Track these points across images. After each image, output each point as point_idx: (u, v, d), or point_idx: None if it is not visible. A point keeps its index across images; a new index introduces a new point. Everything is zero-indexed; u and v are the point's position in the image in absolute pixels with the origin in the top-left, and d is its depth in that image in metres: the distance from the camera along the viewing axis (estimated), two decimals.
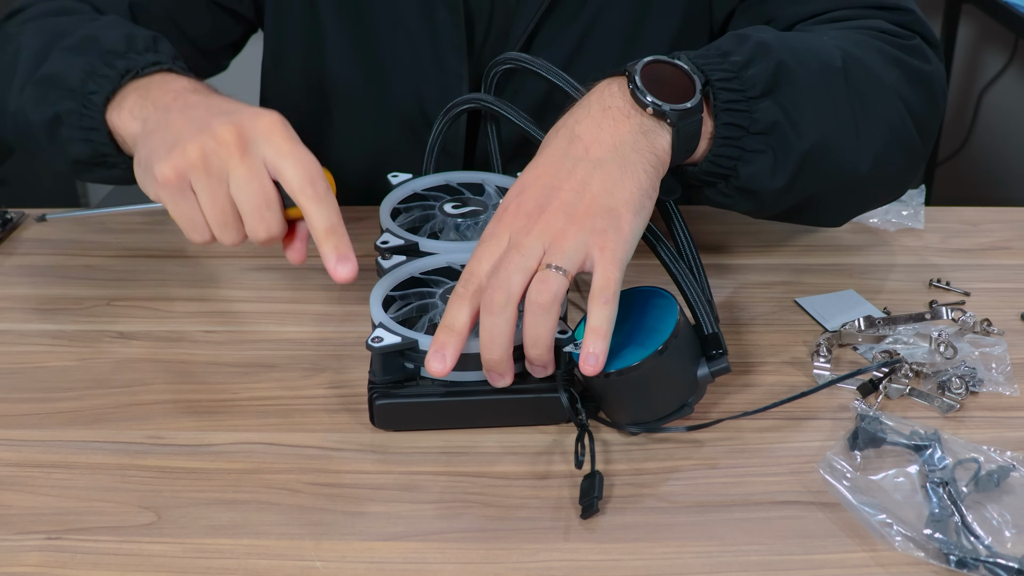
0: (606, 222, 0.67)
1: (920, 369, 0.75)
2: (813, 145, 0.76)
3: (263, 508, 0.65)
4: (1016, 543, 0.61)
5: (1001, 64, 2.64)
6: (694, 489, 0.67)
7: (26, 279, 0.91)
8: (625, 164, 0.69)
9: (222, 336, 0.82)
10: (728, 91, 0.73)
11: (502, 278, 0.66)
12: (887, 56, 0.83)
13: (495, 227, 0.69)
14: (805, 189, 0.79)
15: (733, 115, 0.73)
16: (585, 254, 0.66)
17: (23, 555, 0.62)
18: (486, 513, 0.65)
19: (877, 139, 0.79)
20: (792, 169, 0.76)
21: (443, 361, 0.67)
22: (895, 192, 0.88)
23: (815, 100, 0.76)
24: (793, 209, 0.82)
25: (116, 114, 0.78)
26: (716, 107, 0.73)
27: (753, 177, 0.75)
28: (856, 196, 0.84)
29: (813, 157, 0.76)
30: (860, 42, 0.83)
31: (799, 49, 0.78)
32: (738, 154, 0.74)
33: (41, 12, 0.92)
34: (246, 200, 0.70)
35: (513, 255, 0.67)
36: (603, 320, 0.66)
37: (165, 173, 0.69)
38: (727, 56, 0.75)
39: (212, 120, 0.70)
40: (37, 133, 0.83)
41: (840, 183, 0.80)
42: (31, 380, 0.77)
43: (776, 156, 0.75)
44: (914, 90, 0.83)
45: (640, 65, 0.72)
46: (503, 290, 0.66)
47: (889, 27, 0.86)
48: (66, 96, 0.80)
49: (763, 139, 0.74)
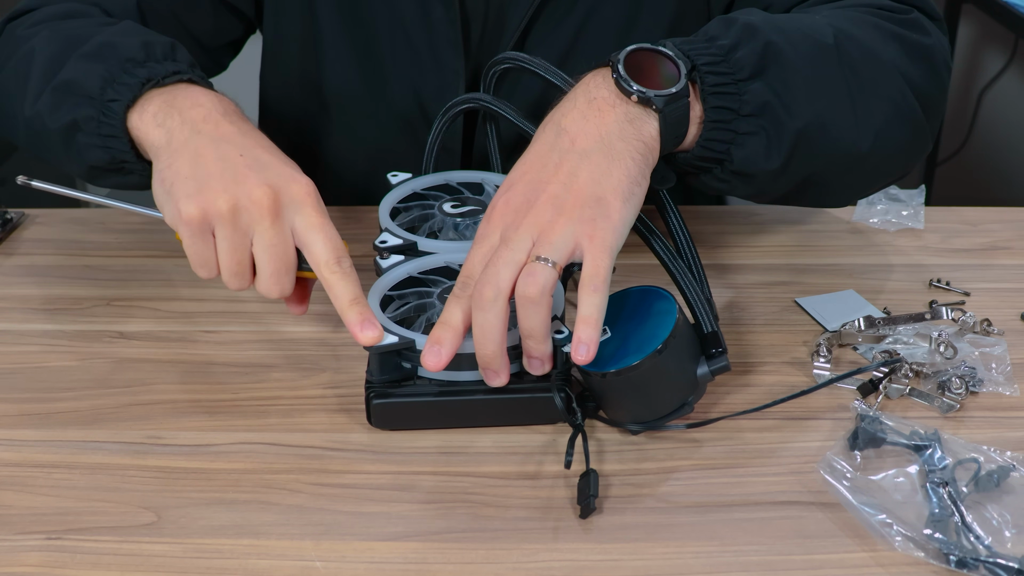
0: (595, 211, 0.67)
1: (920, 369, 0.75)
2: (807, 124, 0.75)
3: (263, 508, 0.65)
4: (1016, 543, 0.61)
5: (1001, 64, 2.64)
6: (694, 489, 0.67)
7: (26, 279, 0.91)
8: (612, 153, 0.69)
9: (222, 336, 0.82)
10: (715, 74, 0.73)
11: (491, 274, 0.67)
12: (884, 31, 0.82)
13: (486, 227, 0.70)
14: (803, 170, 0.78)
15: (722, 98, 0.73)
16: (574, 244, 0.67)
17: (23, 555, 0.62)
18: (485, 513, 0.65)
19: (877, 116, 0.78)
20: (787, 150, 0.75)
21: (438, 356, 0.67)
22: (901, 170, 0.86)
23: (806, 79, 0.76)
24: (794, 191, 0.81)
25: (139, 118, 0.78)
26: (704, 91, 0.73)
27: (747, 160, 0.75)
28: (859, 175, 0.83)
29: (808, 136, 0.76)
30: (855, 19, 0.82)
31: (788, 29, 0.77)
32: (730, 137, 0.74)
33: (50, 15, 0.91)
34: (267, 262, 0.72)
35: (502, 250, 0.67)
36: (593, 308, 0.66)
37: (191, 212, 0.71)
38: (714, 40, 0.75)
39: (248, 174, 0.72)
40: (53, 139, 0.83)
41: (840, 162, 0.79)
42: (31, 380, 0.77)
43: (769, 137, 0.75)
44: (915, 64, 0.82)
45: (623, 54, 0.72)
46: (492, 285, 0.66)
47: (886, 3, 0.86)
48: (84, 103, 0.80)
49: (755, 121, 0.74)
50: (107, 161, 0.81)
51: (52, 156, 0.86)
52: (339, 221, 0.97)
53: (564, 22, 0.96)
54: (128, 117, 0.78)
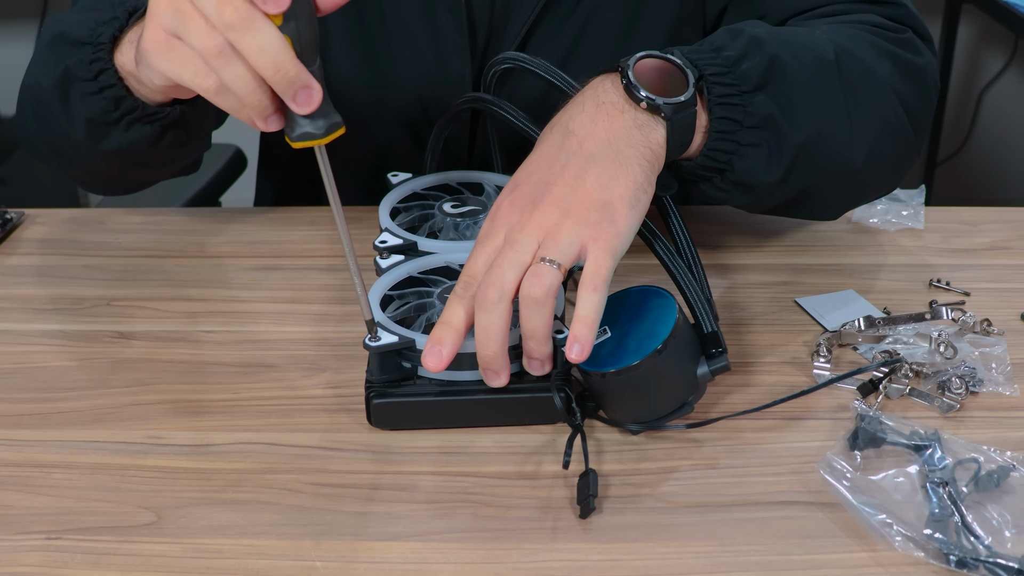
0: (601, 215, 0.67)
1: (920, 369, 0.75)
2: (807, 138, 0.76)
3: (263, 508, 0.65)
4: (1016, 543, 0.61)
5: (1001, 64, 2.64)
6: (694, 489, 0.67)
7: (26, 279, 0.91)
8: (620, 158, 0.69)
9: (222, 336, 0.82)
10: (722, 85, 0.74)
11: (495, 274, 0.66)
12: (880, 49, 0.83)
13: (490, 226, 0.70)
14: (800, 182, 0.79)
15: (727, 109, 0.74)
16: (580, 247, 0.67)
17: (23, 555, 0.62)
18: (485, 513, 0.65)
19: (871, 131, 0.80)
20: (787, 162, 0.76)
21: (439, 356, 0.67)
22: (889, 185, 0.88)
23: (809, 93, 0.77)
24: (788, 203, 0.82)
25: (119, 54, 0.78)
26: (710, 101, 0.73)
27: (748, 171, 0.76)
28: (851, 189, 0.85)
29: (808, 150, 0.77)
30: (853, 36, 0.83)
31: (792, 43, 0.78)
32: (733, 148, 0.75)
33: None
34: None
35: (507, 251, 0.67)
36: (590, 308, 0.66)
37: (150, 33, 0.65)
38: (720, 51, 0.75)
39: None
40: (51, 100, 0.82)
41: (835, 176, 0.81)
42: (31, 380, 0.77)
43: (771, 150, 0.76)
44: (907, 83, 0.83)
45: (633, 60, 0.72)
46: (496, 286, 0.66)
47: (881, 21, 0.87)
48: (75, 49, 0.80)
49: (757, 133, 0.75)
50: (102, 109, 0.80)
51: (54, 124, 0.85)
52: None
53: (566, 25, 0.96)
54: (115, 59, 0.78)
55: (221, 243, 0.96)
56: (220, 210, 1.04)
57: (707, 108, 0.74)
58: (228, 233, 0.97)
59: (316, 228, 0.97)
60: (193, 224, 0.99)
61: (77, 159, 0.88)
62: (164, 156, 0.88)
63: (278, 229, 0.97)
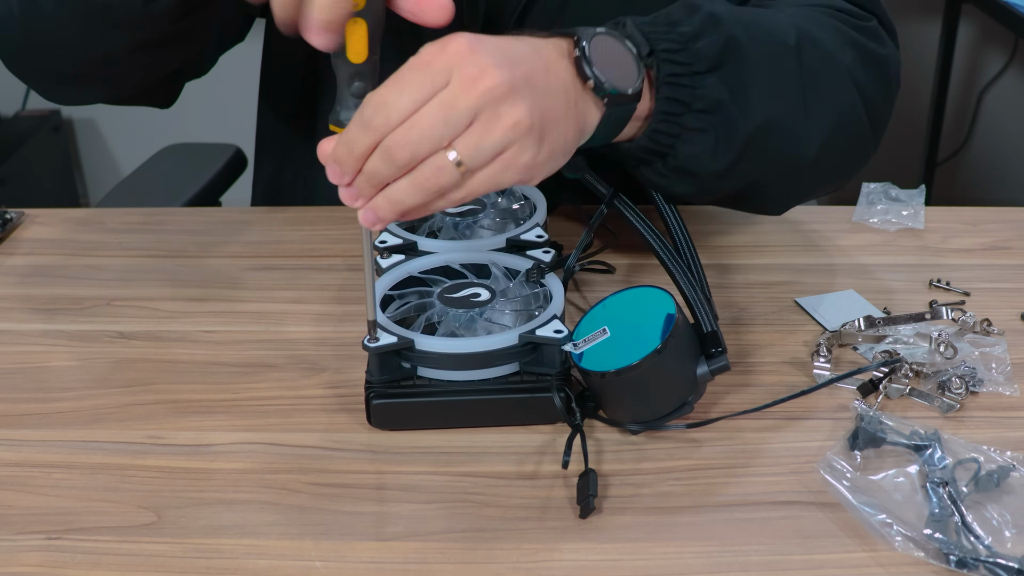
0: (540, 136, 0.61)
1: (920, 369, 0.75)
2: (759, 127, 0.72)
3: (263, 508, 0.65)
4: (1016, 543, 0.61)
5: (1001, 64, 2.64)
6: (694, 489, 0.67)
7: (26, 279, 0.91)
8: (568, 110, 0.64)
9: (222, 336, 0.82)
10: (673, 63, 0.69)
11: (416, 135, 0.58)
12: (843, 36, 0.80)
13: (437, 56, 0.60)
14: (748, 173, 0.75)
15: (675, 89, 0.69)
16: (494, 158, 0.60)
17: (23, 555, 0.62)
18: (485, 513, 0.65)
19: (826, 123, 0.76)
20: (735, 152, 0.72)
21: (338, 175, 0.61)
22: (838, 182, 0.84)
23: (764, 79, 0.73)
24: (734, 196, 0.79)
25: None
26: (659, 79, 0.69)
27: (692, 158, 0.72)
28: (800, 183, 0.81)
29: (758, 140, 0.73)
30: (817, 20, 0.80)
31: (752, 24, 0.74)
32: (677, 131, 0.71)
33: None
34: None
35: (438, 111, 0.58)
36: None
37: None
38: (675, 26, 0.71)
39: None
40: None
41: (785, 169, 0.77)
42: (31, 380, 0.77)
43: (718, 137, 0.72)
44: (868, 73, 0.80)
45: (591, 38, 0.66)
46: (409, 150, 0.58)
47: (847, 7, 0.84)
48: None
49: (705, 118, 0.71)
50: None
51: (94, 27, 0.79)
52: (338, 221, 0.98)
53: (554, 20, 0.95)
54: None
55: (221, 243, 0.96)
56: (220, 210, 1.04)
57: (655, 86, 0.69)
58: (228, 233, 0.97)
59: (316, 228, 0.97)
60: (193, 224, 0.99)
61: (51, 28, 0.81)
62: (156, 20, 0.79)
63: (278, 229, 0.97)
